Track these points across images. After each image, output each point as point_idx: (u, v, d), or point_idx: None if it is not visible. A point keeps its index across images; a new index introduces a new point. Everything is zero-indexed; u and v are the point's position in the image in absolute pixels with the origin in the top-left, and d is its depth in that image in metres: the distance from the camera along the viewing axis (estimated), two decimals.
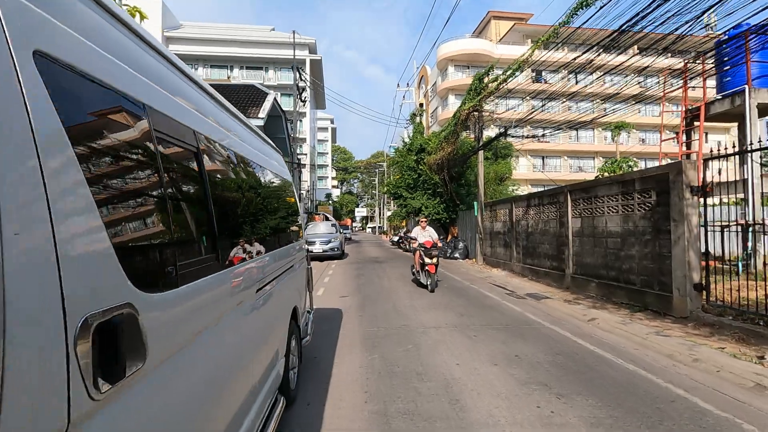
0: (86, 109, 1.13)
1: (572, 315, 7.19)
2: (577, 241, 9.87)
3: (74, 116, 1.04)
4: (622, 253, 8.18)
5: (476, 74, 15.74)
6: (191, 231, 1.67)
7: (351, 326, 6.38)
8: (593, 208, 9.19)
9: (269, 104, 17.23)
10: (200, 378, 1.55)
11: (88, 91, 1.12)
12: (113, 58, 1.28)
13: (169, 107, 1.61)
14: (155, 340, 1.20)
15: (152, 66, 1.61)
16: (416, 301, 8.54)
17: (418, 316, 7.03)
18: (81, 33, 1.13)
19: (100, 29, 1.28)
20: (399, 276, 12.62)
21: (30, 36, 0.92)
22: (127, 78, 1.33)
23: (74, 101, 1.06)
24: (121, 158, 1.24)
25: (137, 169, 1.32)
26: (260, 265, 2.65)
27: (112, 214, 1.12)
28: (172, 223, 1.46)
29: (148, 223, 1.34)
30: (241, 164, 2.75)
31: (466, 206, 19.42)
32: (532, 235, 12.34)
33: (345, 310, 7.65)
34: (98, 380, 0.95)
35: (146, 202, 1.33)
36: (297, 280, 4.03)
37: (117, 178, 1.21)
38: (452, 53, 42.61)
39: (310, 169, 46.56)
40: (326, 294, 9.54)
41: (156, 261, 1.37)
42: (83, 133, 1.07)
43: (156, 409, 1.23)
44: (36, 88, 0.90)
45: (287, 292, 3.49)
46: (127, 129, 1.28)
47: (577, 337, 5.72)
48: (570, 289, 9.90)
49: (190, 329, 1.51)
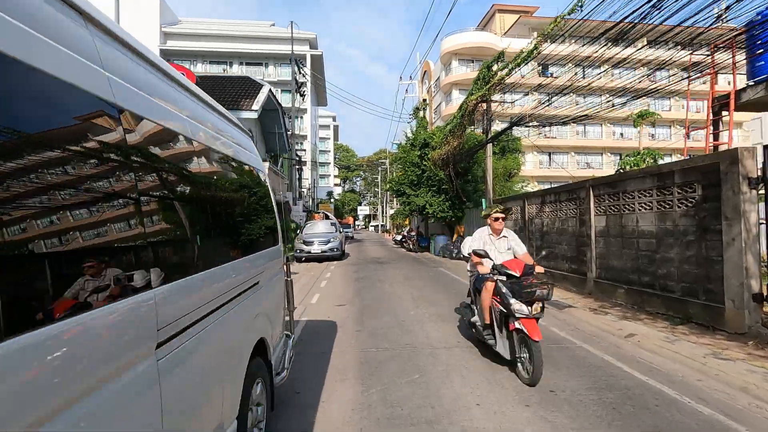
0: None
1: (604, 329, 6.17)
2: (601, 242, 8.84)
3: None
4: (658, 255, 7.14)
5: (484, 62, 14.69)
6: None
7: (346, 345, 5.38)
8: (621, 204, 8.15)
9: (264, 96, 16.24)
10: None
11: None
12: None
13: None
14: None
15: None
16: (422, 309, 7.54)
17: (425, 330, 6.02)
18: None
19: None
20: (402, 279, 11.63)
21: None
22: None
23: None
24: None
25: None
26: (184, 294, 1.66)
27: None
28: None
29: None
30: (172, 142, 1.78)
31: (474, 204, 18.38)
32: (548, 234, 11.31)
33: (340, 323, 6.66)
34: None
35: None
36: (266, 301, 3.03)
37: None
38: (456, 47, 41.53)
39: (311, 167, 45.63)
40: (321, 302, 8.56)
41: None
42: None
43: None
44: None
45: (245, 323, 2.50)
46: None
47: (620, 361, 4.71)
48: (593, 295, 8.87)
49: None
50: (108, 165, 1.33)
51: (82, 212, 1.19)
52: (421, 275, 12.67)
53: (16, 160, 0.97)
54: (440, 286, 10.45)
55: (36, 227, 1.01)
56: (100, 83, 1.32)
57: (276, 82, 40.09)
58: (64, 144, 1.14)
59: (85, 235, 1.18)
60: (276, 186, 18.28)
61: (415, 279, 11.75)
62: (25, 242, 0.97)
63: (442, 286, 10.44)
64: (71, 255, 1.14)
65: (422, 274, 13.05)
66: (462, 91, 39.38)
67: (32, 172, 1.02)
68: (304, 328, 6.31)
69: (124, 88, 1.47)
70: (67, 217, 1.12)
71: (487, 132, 15.30)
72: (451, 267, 15.02)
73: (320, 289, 10.24)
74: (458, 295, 9.01)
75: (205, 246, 2.01)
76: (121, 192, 1.36)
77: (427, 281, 11.35)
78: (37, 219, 1.02)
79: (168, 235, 1.71)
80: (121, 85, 1.46)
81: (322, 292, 9.68)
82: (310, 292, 9.69)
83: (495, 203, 15.40)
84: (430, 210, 19.80)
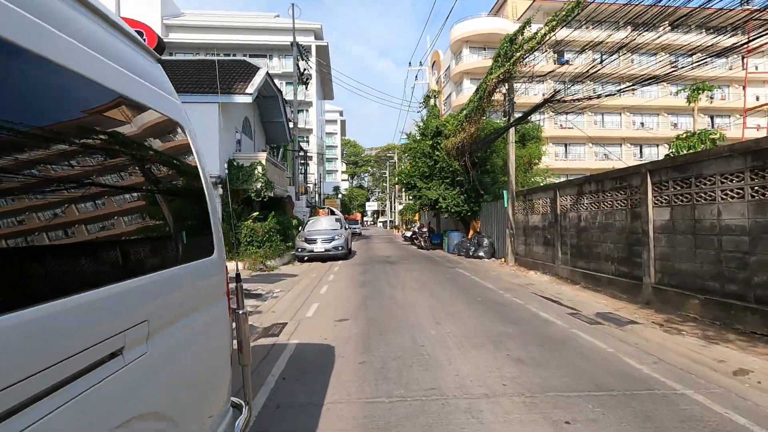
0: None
1: (696, 359, 4.54)
2: (662, 240, 7.17)
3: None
4: (753, 258, 5.48)
5: (505, 36, 12.97)
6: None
7: (344, 392, 3.83)
8: (694, 192, 6.47)
9: (260, 79, 14.70)
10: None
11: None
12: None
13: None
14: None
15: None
16: (444, 326, 5.97)
17: (453, 363, 4.46)
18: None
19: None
20: (415, 283, 10.06)
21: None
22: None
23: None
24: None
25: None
26: None
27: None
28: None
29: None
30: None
31: (492, 196, 16.71)
32: (586, 230, 9.64)
33: (340, 348, 5.11)
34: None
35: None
36: (180, 364, 1.50)
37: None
38: (467, 34, 39.71)
39: (317, 161, 44.14)
40: (319, 315, 7.02)
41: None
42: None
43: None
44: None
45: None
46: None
47: (756, 424, 3.09)
48: (652, 304, 7.22)
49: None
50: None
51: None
52: (437, 278, 11.09)
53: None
54: (460, 292, 8.86)
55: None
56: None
57: (280, 75, 38.69)
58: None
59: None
60: (276, 180, 16.78)
61: (431, 283, 10.17)
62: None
63: (462, 292, 8.86)
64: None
65: (438, 276, 11.47)
66: (473, 81, 37.59)
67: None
68: (291, 357, 4.78)
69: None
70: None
71: (509, 115, 13.61)
72: (470, 267, 13.41)
73: (320, 296, 8.71)
74: (486, 306, 7.41)
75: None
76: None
77: (445, 286, 9.77)
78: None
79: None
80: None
81: (322, 301, 8.15)
82: (307, 301, 8.17)
83: (519, 195, 13.75)
84: (444, 204, 18.17)
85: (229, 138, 14.95)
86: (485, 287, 9.54)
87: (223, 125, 14.24)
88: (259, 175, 14.56)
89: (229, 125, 15.01)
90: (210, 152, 13.64)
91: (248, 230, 14.02)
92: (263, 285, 10.25)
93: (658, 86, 39.83)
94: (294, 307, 7.63)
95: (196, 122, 11.07)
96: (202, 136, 13.75)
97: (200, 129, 13.15)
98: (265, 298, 8.67)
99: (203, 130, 13.48)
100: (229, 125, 15.11)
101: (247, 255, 13.59)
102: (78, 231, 1.20)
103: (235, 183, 14.45)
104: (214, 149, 13.68)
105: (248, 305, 7.91)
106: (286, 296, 8.83)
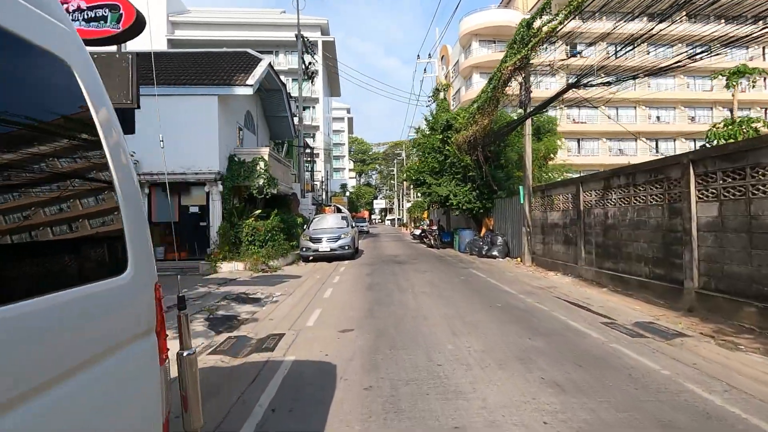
0: None
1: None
2: (709, 239, 6.33)
3: None
4: None
5: (522, 20, 12.12)
6: None
7: (346, 428, 3.10)
8: (750, 185, 5.63)
9: (262, 70, 14.00)
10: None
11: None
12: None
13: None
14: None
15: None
16: (462, 339, 5.22)
17: (478, 390, 3.70)
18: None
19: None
20: (427, 286, 9.30)
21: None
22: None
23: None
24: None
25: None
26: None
27: None
28: None
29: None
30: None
31: (506, 192, 15.85)
32: (614, 228, 8.80)
33: (343, 367, 4.38)
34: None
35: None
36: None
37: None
38: (476, 27, 38.73)
39: (324, 159, 43.49)
40: (321, 324, 6.31)
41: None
42: None
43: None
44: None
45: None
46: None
47: None
48: (696, 312, 6.38)
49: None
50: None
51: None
52: (450, 280, 10.32)
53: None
54: (477, 296, 8.09)
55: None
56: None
57: (286, 71, 38.08)
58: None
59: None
60: (280, 176, 16.09)
61: (444, 286, 9.41)
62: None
63: (479, 297, 8.09)
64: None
65: (451, 278, 10.69)
66: (483, 75, 36.61)
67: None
68: (285, 380, 4.06)
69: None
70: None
71: (525, 105, 12.76)
72: (484, 268, 12.61)
73: (323, 301, 8.00)
74: (506, 313, 6.63)
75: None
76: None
77: (460, 289, 8.99)
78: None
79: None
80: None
81: (325, 306, 7.43)
82: (309, 307, 7.46)
83: (536, 191, 12.91)
84: (455, 201, 17.35)
85: (230, 132, 14.28)
86: (503, 291, 8.75)
87: (224, 119, 13.57)
88: (262, 171, 13.87)
89: (230, 119, 14.34)
90: (209, 147, 12.99)
91: (250, 229, 13.35)
92: (263, 288, 9.57)
93: (675, 78, 38.56)
94: (294, 314, 6.92)
95: (195, 115, 10.36)
96: (201, 130, 12.97)
97: (199, 122, 12.38)
98: (263, 303, 7.98)
99: (202, 123, 12.83)
100: (230, 119, 14.43)
101: (248, 255, 12.94)
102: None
103: (237, 179, 13.80)
104: (214, 143, 13.01)
105: (244, 311, 7.22)
106: (286, 300, 8.13)
